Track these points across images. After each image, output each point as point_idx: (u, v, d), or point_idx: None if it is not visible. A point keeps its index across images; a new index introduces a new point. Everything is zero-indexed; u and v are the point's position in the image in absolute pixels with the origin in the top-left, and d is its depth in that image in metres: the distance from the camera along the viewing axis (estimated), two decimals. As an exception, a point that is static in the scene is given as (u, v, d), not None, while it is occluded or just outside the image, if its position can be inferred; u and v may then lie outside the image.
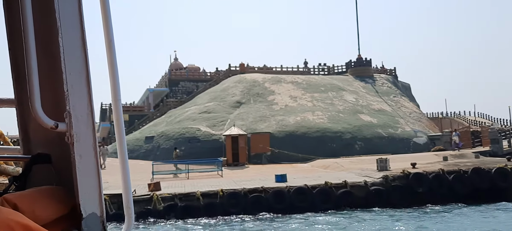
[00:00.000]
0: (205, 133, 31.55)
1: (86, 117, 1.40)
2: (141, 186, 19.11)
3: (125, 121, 28.17)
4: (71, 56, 1.38)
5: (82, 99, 1.40)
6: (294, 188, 16.91)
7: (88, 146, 1.40)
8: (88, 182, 1.40)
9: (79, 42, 1.41)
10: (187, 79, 51.08)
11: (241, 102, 36.56)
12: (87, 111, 1.41)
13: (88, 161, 1.40)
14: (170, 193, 16.38)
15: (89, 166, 1.40)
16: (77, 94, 1.39)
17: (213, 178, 21.92)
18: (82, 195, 1.38)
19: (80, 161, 1.37)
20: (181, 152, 27.58)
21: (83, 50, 1.42)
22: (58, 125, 1.37)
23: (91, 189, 1.40)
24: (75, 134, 1.36)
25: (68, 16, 1.38)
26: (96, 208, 1.41)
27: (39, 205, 1.30)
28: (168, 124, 35.75)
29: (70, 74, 1.37)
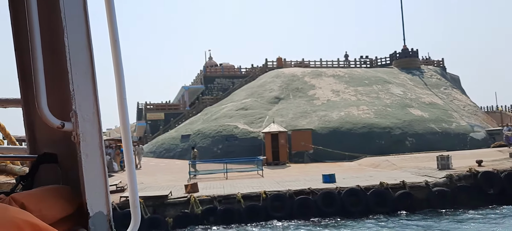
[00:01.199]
0: (242, 130, 30.35)
1: (92, 116, 1.42)
2: (177, 187, 18.09)
3: (160, 120, 27.87)
4: (76, 56, 1.39)
5: (88, 98, 1.42)
6: (345, 189, 15.32)
7: (94, 145, 1.41)
8: (94, 181, 1.40)
9: (85, 42, 1.41)
10: (223, 76, 50.18)
11: (280, 98, 35.13)
12: (93, 111, 1.43)
13: (94, 160, 1.41)
14: (209, 195, 15.20)
15: (95, 165, 1.41)
16: (83, 93, 1.40)
17: (253, 178, 20.65)
18: (89, 194, 1.39)
19: (87, 160, 1.39)
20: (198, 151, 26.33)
21: (88, 50, 1.42)
22: (64, 124, 1.38)
23: (97, 187, 1.41)
24: (81, 133, 1.38)
25: (73, 16, 1.39)
26: (103, 206, 1.41)
27: (46, 204, 1.29)
28: (204, 121, 34.86)
29: (76, 74, 1.38)
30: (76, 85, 1.38)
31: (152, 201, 14.89)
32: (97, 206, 1.41)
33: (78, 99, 1.38)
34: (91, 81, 1.43)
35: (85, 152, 1.38)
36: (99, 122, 1.44)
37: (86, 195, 1.38)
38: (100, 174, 1.43)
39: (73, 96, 1.37)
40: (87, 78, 1.42)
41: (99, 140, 1.43)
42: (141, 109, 54.50)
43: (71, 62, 1.37)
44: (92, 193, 1.40)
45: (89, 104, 1.42)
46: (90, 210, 1.39)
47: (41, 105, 1.35)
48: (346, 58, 50.05)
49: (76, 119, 1.37)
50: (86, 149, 1.39)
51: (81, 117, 1.38)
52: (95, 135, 1.42)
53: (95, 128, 1.42)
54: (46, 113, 1.35)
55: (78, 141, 1.37)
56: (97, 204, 1.41)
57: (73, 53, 1.38)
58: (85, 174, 1.38)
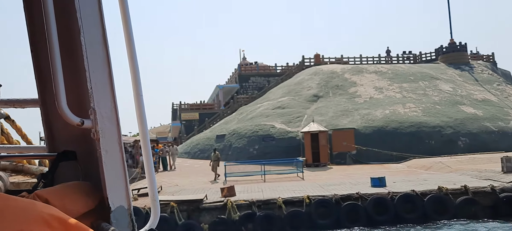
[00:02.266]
0: (280, 130, 29.17)
1: (110, 113, 1.44)
2: (212, 190, 17.15)
3: (195, 120, 26.95)
4: (93, 54, 1.41)
5: (106, 96, 1.44)
6: (399, 194, 13.84)
7: (113, 141, 1.43)
8: (114, 176, 1.43)
9: (101, 40, 1.43)
10: (258, 74, 49.14)
11: (319, 95, 33.70)
12: (111, 108, 1.45)
13: (114, 155, 1.43)
14: (247, 200, 14.12)
15: (115, 160, 1.43)
16: (100, 91, 1.42)
17: (293, 181, 19.46)
18: (110, 189, 1.41)
19: (106, 156, 1.41)
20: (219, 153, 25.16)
21: (104, 48, 1.44)
22: (84, 121, 1.39)
23: (118, 182, 1.44)
24: (101, 130, 1.40)
25: (88, 15, 1.41)
26: (124, 200, 1.44)
27: (69, 200, 1.31)
28: (240, 121, 33.94)
29: (93, 72, 1.39)
30: (94, 83, 1.40)
31: (186, 205, 13.98)
32: (118, 200, 1.43)
33: (96, 97, 1.40)
34: (108, 79, 1.45)
35: (104, 148, 1.41)
36: (117, 118, 1.47)
37: (107, 190, 1.41)
38: (120, 169, 1.45)
39: (91, 94, 1.40)
40: (104, 76, 1.44)
41: (117, 136, 1.46)
42: (176, 110, 54.43)
43: (88, 61, 1.39)
44: (113, 187, 1.42)
45: (107, 101, 1.44)
46: (112, 204, 1.41)
47: (61, 104, 1.36)
48: (387, 54, 47.84)
49: (95, 116, 1.40)
50: (105, 145, 1.41)
51: (99, 114, 1.41)
52: (113, 131, 1.45)
53: (113, 124, 1.45)
54: (66, 112, 1.36)
55: (97, 138, 1.40)
56: (118, 198, 1.43)
57: (89, 52, 1.41)
58: (105, 170, 1.41)
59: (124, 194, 1.46)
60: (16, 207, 0.95)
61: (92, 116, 1.40)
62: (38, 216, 0.95)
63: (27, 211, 0.95)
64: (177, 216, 13.48)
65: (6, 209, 0.92)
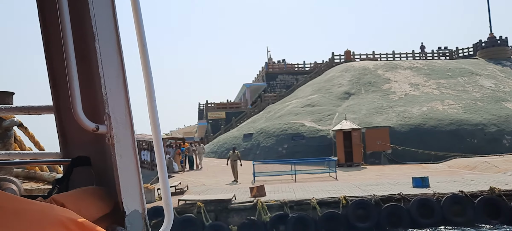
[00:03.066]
0: (310, 128, 28.16)
1: (124, 118, 1.46)
2: (241, 190, 16.38)
3: (221, 119, 26.32)
4: (108, 61, 1.43)
5: (120, 101, 1.46)
6: (446, 196, 12.70)
7: (127, 145, 1.46)
8: (129, 180, 1.45)
9: (115, 47, 1.46)
10: (286, 72, 48.22)
11: (350, 93, 32.50)
12: (125, 113, 1.47)
13: (128, 160, 1.46)
14: (278, 200, 13.27)
15: (129, 165, 1.46)
16: (115, 97, 1.44)
17: (326, 181, 18.49)
18: (124, 193, 1.43)
19: (121, 161, 1.43)
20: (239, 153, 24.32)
21: (119, 54, 1.47)
22: (99, 127, 1.41)
23: (132, 187, 1.46)
24: (115, 135, 1.42)
25: (103, 23, 1.44)
26: (138, 205, 1.47)
27: (84, 204, 1.33)
28: (268, 119, 33.12)
29: (107, 78, 1.42)
30: (109, 89, 1.42)
31: (213, 205, 13.25)
32: (132, 204, 1.45)
33: (111, 103, 1.43)
34: (122, 85, 1.47)
35: (119, 153, 1.43)
36: (132, 124, 1.49)
37: (122, 195, 1.43)
38: (134, 174, 1.47)
39: (106, 100, 1.42)
40: (119, 82, 1.46)
41: (132, 141, 1.48)
42: (202, 110, 54.18)
43: (103, 68, 1.42)
44: (127, 192, 1.44)
45: (122, 107, 1.46)
46: (126, 209, 1.43)
47: (77, 110, 1.37)
48: (422, 50, 46.10)
49: (109, 122, 1.42)
50: (120, 150, 1.43)
51: (114, 120, 1.43)
52: (128, 136, 1.47)
53: (128, 129, 1.47)
54: (82, 117, 1.37)
55: (112, 143, 1.42)
56: (132, 203, 1.45)
57: (104, 59, 1.42)
58: (120, 174, 1.43)
59: (138, 198, 1.48)
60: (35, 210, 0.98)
61: (106, 121, 1.43)
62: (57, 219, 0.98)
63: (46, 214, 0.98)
64: (204, 216, 12.77)
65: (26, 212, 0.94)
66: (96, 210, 1.40)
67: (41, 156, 2.32)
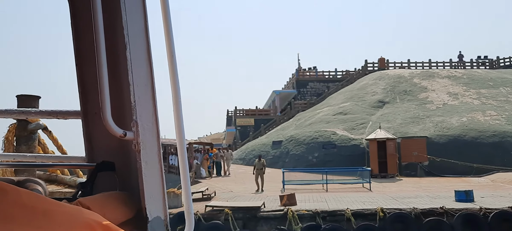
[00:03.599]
0: (342, 137, 27.32)
1: (151, 126, 1.49)
2: (270, 198, 15.82)
3: (250, 126, 25.78)
4: (138, 69, 1.46)
5: (148, 109, 1.49)
6: (494, 211, 11.74)
7: (153, 153, 1.48)
8: (153, 187, 1.47)
9: (145, 56, 1.50)
10: (317, 79, 47.40)
11: (384, 101, 31.46)
12: (152, 121, 1.50)
13: (153, 167, 1.48)
14: (309, 210, 12.63)
15: (154, 172, 1.48)
16: (143, 105, 1.47)
17: (359, 192, 17.70)
18: (148, 199, 1.46)
19: (146, 167, 1.45)
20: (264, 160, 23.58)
21: (148, 64, 1.51)
22: (126, 133, 1.43)
23: (156, 193, 1.48)
24: (142, 142, 1.45)
25: (135, 32, 1.47)
26: (161, 211, 1.50)
27: (109, 208, 1.35)
28: (297, 127, 32.44)
29: (137, 86, 1.45)
30: (137, 97, 1.45)
31: (242, 213, 12.74)
32: (155, 211, 1.47)
33: (139, 110, 1.45)
34: (150, 93, 1.50)
35: (145, 159, 1.45)
36: (158, 131, 1.51)
37: (146, 200, 1.45)
38: (158, 180, 1.49)
39: (134, 107, 1.44)
40: (147, 91, 1.49)
41: (157, 148, 1.51)
42: (231, 117, 53.96)
43: (133, 76, 1.44)
44: (151, 198, 1.46)
45: (149, 114, 1.49)
46: (149, 215, 1.45)
47: (106, 116, 1.39)
48: (460, 58, 44.36)
49: (137, 128, 1.45)
50: (146, 157, 1.45)
51: (141, 126, 1.45)
52: (154, 143, 1.50)
53: (154, 137, 1.49)
54: (110, 123, 1.40)
55: (138, 149, 1.44)
56: (155, 209, 1.47)
57: (134, 67, 1.45)
58: (144, 180, 1.44)
59: (161, 205, 1.50)
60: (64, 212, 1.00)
61: (134, 128, 1.45)
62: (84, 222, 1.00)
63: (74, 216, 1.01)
64: (231, 224, 12.26)
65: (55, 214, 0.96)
66: (120, 215, 1.43)
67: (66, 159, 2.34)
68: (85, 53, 1.71)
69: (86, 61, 1.69)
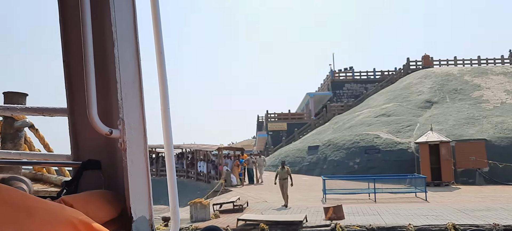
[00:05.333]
0: (386, 140, 25.08)
1: (138, 124, 1.48)
2: (311, 210, 13.97)
3: (283, 130, 23.80)
4: (125, 67, 1.46)
5: (135, 107, 1.48)
6: None
7: (139, 151, 1.47)
8: (138, 186, 1.46)
9: (134, 54, 1.49)
10: (354, 80, 45.12)
11: (432, 101, 28.98)
12: (139, 119, 1.49)
13: (139, 166, 1.47)
14: (363, 225, 10.67)
15: (140, 171, 1.47)
16: (130, 103, 1.46)
17: (414, 203, 15.57)
18: (133, 198, 1.44)
19: (132, 166, 1.44)
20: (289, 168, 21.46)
21: (136, 62, 1.50)
22: (112, 131, 1.42)
23: (141, 193, 1.47)
24: (128, 140, 1.44)
25: (123, 30, 1.47)
26: (146, 211, 1.48)
27: (93, 207, 1.35)
28: (335, 130, 30.37)
29: (124, 84, 1.45)
30: (124, 95, 1.43)
31: (280, 228, 10.91)
32: (140, 210, 1.45)
33: (126, 108, 1.44)
34: (138, 91, 1.49)
35: (130, 158, 1.43)
36: (145, 130, 1.50)
37: (130, 200, 1.44)
38: (144, 180, 1.47)
39: (121, 105, 1.43)
40: (134, 89, 1.48)
41: (144, 147, 1.49)
42: (261, 122, 52.38)
43: (120, 73, 1.43)
44: (136, 198, 1.44)
45: (136, 113, 1.47)
46: (134, 214, 1.43)
47: (92, 114, 1.38)
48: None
49: (123, 127, 1.43)
50: (131, 156, 1.44)
51: (128, 125, 1.44)
52: (140, 142, 1.47)
53: (140, 135, 1.48)
54: (96, 121, 1.39)
55: (124, 148, 1.42)
56: (140, 209, 1.45)
57: (122, 65, 1.44)
58: (130, 180, 1.43)
59: (146, 205, 1.47)
60: (47, 209, 1.00)
61: (120, 126, 1.43)
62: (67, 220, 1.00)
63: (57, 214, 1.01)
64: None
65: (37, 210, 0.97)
66: (104, 214, 1.40)
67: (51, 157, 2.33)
68: (72, 50, 1.71)
69: (74, 59, 1.70)
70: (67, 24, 1.70)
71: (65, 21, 1.70)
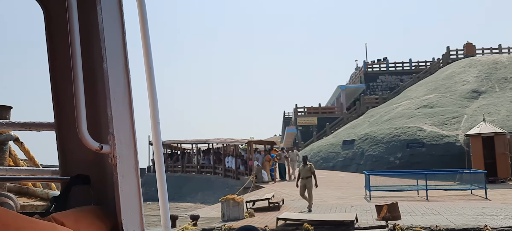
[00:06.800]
0: (431, 133, 23.26)
1: (128, 139, 1.45)
2: (357, 208, 12.51)
3: (313, 125, 22.19)
4: (115, 82, 1.43)
5: (125, 122, 1.45)
6: None
7: (130, 166, 1.45)
8: (130, 201, 1.44)
9: (123, 68, 1.46)
10: (388, 72, 43.12)
11: (480, 91, 26.94)
12: (130, 134, 1.46)
13: (130, 181, 1.44)
14: (427, 227, 9.14)
15: (131, 186, 1.44)
16: (120, 117, 1.44)
17: (473, 201, 14.02)
18: (124, 214, 1.42)
19: (123, 181, 1.42)
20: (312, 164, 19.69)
21: (126, 76, 1.47)
22: (102, 146, 1.40)
23: (133, 208, 1.45)
24: (118, 155, 1.41)
25: (112, 44, 1.43)
26: (137, 226, 1.46)
27: (83, 224, 1.34)
28: (372, 124, 28.68)
29: (114, 99, 1.42)
30: (114, 110, 1.41)
31: (328, 228, 9.49)
32: (132, 225, 1.43)
33: (116, 123, 1.41)
34: (128, 106, 1.47)
35: (121, 173, 1.41)
36: (135, 145, 1.48)
37: (122, 215, 1.42)
38: (135, 195, 1.45)
39: (111, 120, 1.40)
40: (124, 103, 1.45)
41: (134, 162, 1.47)
42: (287, 119, 51.04)
43: (109, 88, 1.41)
44: (128, 213, 1.43)
45: (126, 128, 1.45)
46: (125, 230, 1.42)
47: (82, 129, 1.36)
48: None
49: (113, 142, 1.40)
50: (122, 170, 1.42)
51: (118, 140, 1.41)
52: (131, 157, 1.45)
53: (131, 150, 1.45)
54: (86, 136, 1.37)
55: (115, 163, 1.41)
56: (132, 224, 1.43)
57: (111, 79, 1.41)
58: (121, 195, 1.40)
59: (138, 220, 1.45)
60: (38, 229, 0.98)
61: (110, 141, 1.40)
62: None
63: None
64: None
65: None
66: (95, 230, 1.39)
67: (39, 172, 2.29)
68: (60, 63, 1.68)
69: (61, 72, 1.67)
70: (53, 36, 1.68)
71: (51, 33, 1.68)
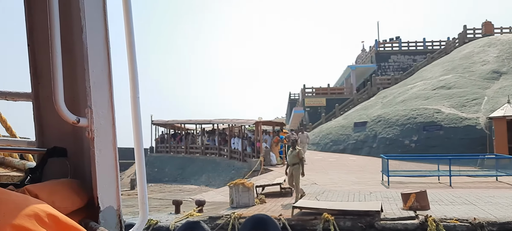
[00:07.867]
0: (449, 116, 22.19)
1: (106, 113, 1.44)
2: (377, 195, 11.59)
3: (321, 106, 21.08)
4: (94, 54, 1.42)
5: (104, 95, 1.45)
6: None
7: (107, 140, 1.44)
8: (106, 176, 1.44)
9: (103, 40, 1.45)
10: (401, 52, 41.80)
11: (500, 71, 25.76)
12: (108, 107, 1.45)
13: (107, 155, 1.44)
14: (464, 219, 8.17)
15: (108, 160, 1.44)
16: (98, 90, 1.43)
17: (501, 189, 13.05)
18: (100, 188, 1.42)
19: (100, 155, 1.42)
20: None
21: (106, 48, 1.46)
22: (79, 120, 1.40)
23: (109, 182, 1.44)
24: (96, 129, 1.41)
25: (92, 15, 1.42)
26: (113, 201, 1.46)
27: (58, 197, 1.33)
28: (385, 105, 27.62)
29: (92, 71, 1.41)
30: (93, 82, 1.41)
31: (351, 220, 8.54)
32: (108, 200, 1.43)
33: (94, 96, 1.41)
34: (107, 79, 1.46)
35: (98, 147, 1.41)
36: (114, 119, 1.46)
37: (98, 189, 1.41)
38: (112, 169, 1.45)
39: (89, 93, 1.40)
40: (103, 76, 1.44)
41: (112, 136, 1.46)
42: (293, 100, 50.02)
43: (88, 60, 1.40)
44: (104, 187, 1.42)
45: (105, 101, 1.44)
46: (101, 204, 1.41)
47: (59, 101, 1.35)
48: None
49: (91, 115, 1.40)
50: (99, 144, 1.41)
51: (96, 113, 1.41)
52: (109, 131, 1.44)
53: (109, 124, 1.45)
54: (63, 109, 1.36)
55: (92, 137, 1.40)
56: (108, 199, 1.43)
57: (90, 51, 1.41)
58: (97, 169, 1.41)
59: (114, 195, 1.45)
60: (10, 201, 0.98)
61: (88, 114, 1.40)
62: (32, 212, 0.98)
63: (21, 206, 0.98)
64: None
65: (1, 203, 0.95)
66: (70, 203, 1.38)
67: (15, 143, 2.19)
68: (38, 34, 1.62)
69: (39, 43, 1.62)
70: (32, 5, 1.63)
71: (29, 4, 1.63)
